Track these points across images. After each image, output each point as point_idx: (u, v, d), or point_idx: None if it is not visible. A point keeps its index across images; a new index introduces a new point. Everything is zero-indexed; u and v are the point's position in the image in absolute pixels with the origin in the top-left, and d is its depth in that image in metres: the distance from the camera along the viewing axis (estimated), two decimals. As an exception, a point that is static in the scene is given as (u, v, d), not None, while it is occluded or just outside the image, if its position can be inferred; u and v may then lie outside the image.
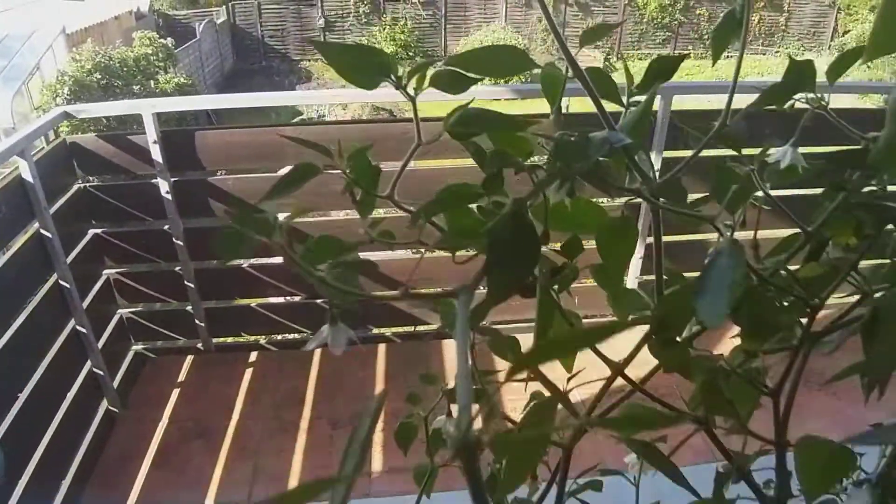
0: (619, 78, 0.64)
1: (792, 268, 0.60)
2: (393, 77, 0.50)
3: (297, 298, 2.92)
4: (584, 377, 0.63)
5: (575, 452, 0.61)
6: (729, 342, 0.63)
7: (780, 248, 0.62)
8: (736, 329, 0.58)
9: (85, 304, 2.44)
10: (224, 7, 19.76)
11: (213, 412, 2.64)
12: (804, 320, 0.59)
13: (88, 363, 2.47)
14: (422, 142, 0.55)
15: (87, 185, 2.53)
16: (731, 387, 0.59)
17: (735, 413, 0.59)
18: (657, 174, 2.14)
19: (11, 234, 2.11)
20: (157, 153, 2.42)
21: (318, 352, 2.96)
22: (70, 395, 2.35)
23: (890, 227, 0.56)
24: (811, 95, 0.63)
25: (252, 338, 3.03)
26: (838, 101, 0.68)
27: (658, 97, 2.59)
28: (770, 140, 0.67)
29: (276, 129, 2.52)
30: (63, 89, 10.11)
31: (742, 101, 0.69)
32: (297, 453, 2.46)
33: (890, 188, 0.57)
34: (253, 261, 2.80)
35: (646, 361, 0.61)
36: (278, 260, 2.15)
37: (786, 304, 0.58)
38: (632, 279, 2.96)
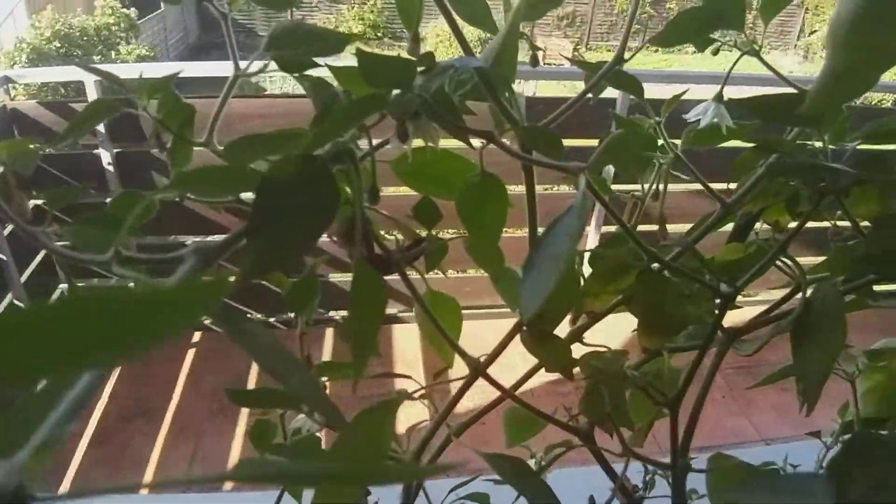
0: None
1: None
2: None
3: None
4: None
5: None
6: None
7: (700, 231, 0.51)
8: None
9: (23, 278, 2.35)
10: (192, -21, 19.33)
11: (154, 392, 2.57)
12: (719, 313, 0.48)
13: (10, 295, 2.37)
14: (239, 71, 0.45)
15: (27, 153, 2.43)
16: (620, 393, 0.49)
17: (625, 423, 0.49)
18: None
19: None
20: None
21: (265, 333, 2.89)
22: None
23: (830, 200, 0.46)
24: (741, 38, 0.51)
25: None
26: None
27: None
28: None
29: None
30: (21, 57, 9.80)
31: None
32: (238, 437, 2.41)
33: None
34: (201, 239, 2.71)
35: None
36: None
37: (694, 292, 0.48)
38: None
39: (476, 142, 0.43)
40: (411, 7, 0.46)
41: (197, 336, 2.85)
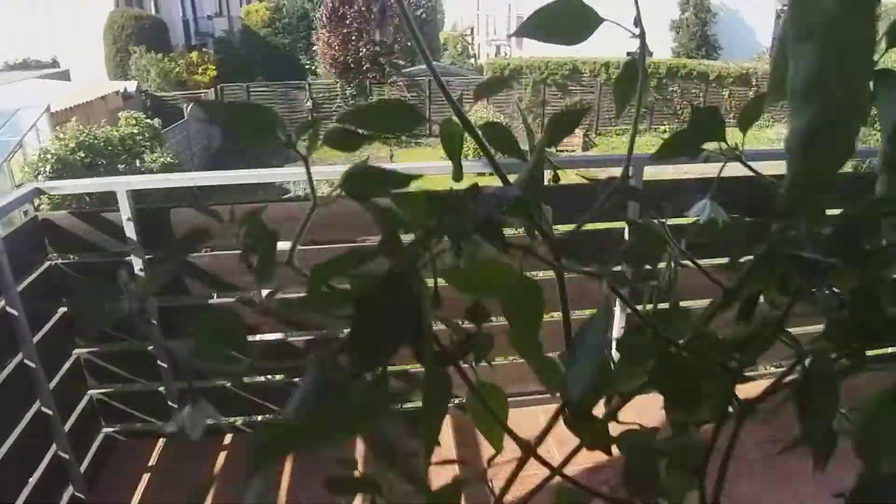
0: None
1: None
2: (281, 134, 0.49)
3: (276, 377, 2.84)
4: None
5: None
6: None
7: (708, 314, 0.58)
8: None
9: (52, 384, 2.36)
10: (213, 89, 20.14)
11: (184, 498, 2.52)
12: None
13: (54, 447, 2.37)
14: (317, 203, 0.54)
15: (59, 262, 2.49)
16: (654, 466, 0.55)
17: (662, 494, 0.54)
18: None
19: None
20: (130, 231, 2.39)
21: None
22: (33, 480, 2.24)
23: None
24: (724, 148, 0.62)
25: (228, 419, 2.93)
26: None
27: (630, 168, 2.61)
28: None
29: (252, 207, 2.49)
30: (45, 167, 10.15)
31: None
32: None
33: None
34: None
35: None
36: (258, 338, 2.06)
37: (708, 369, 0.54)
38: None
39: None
40: (453, 144, 0.59)
41: (228, 438, 2.83)
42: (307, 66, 22.25)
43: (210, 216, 0.52)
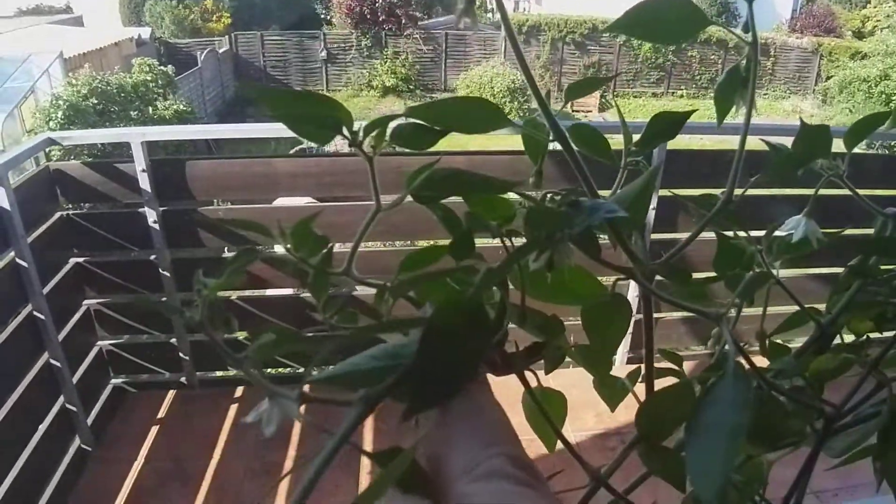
0: (613, 116, 0.59)
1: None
2: (347, 132, 0.44)
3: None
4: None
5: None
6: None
7: (786, 327, 0.57)
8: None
9: (61, 336, 2.34)
10: (227, 37, 19.92)
11: (193, 451, 2.52)
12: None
13: (61, 398, 2.37)
14: (381, 207, 0.49)
15: (71, 212, 2.45)
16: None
17: None
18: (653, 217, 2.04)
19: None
20: (145, 182, 2.35)
21: (306, 387, 2.86)
22: (40, 431, 2.24)
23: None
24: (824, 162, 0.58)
25: (239, 372, 2.91)
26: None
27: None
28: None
29: (268, 160, 2.45)
30: (57, 113, 10.07)
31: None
32: (280, 497, 2.35)
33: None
34: (242, 293, 2.71)
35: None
36: (270, 292, 2.02)
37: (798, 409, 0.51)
38: (620, 354, 2.92)
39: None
40: (536, 152, 0.54)
41: (239, 391, 2.82)
42: (322, 16, 21.91)
43: (256, 231, 0.48)
